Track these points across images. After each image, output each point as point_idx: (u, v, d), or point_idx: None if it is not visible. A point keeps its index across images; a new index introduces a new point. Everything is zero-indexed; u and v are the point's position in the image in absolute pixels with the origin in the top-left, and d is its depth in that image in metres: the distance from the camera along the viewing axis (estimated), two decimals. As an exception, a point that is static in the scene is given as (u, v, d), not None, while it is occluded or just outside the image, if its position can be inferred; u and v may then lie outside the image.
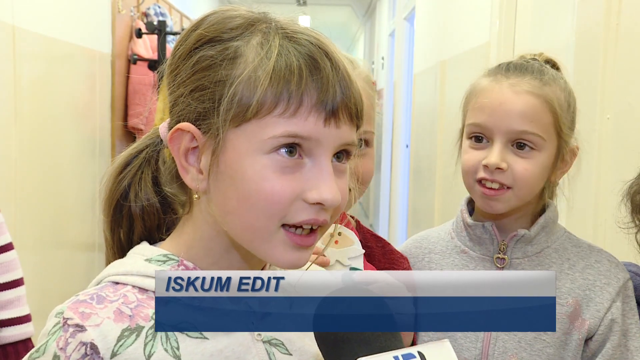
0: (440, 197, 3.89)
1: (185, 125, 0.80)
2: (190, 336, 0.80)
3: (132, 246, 0.88)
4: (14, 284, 1.41)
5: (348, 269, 1.22)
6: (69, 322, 0.77)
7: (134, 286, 0.82)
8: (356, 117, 0.80)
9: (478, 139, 1.24)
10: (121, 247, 0.89)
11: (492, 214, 1.26)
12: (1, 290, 1.39)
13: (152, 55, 4.38)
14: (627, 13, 1.73)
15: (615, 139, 1.75)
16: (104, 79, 4.00)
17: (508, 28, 2.72)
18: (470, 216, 1.31)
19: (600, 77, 1.80)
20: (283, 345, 0.85)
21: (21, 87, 2.81)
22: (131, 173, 0.88)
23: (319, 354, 0.75)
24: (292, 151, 0.77)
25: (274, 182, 0.77)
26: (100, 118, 3.93)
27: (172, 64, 0.83)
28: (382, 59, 8.08)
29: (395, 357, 0.69)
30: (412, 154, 5.46)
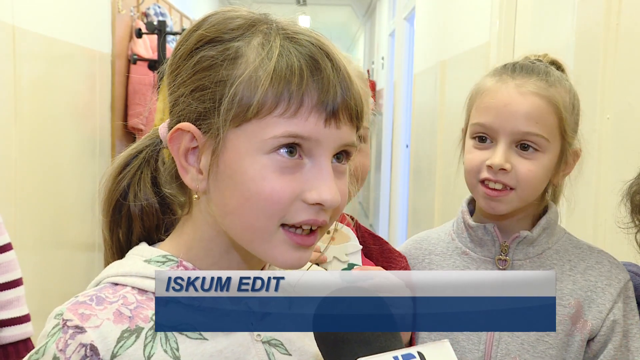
0: (440, 197, 3.89)
1: (186, 125, 0.80)
2: (189, 337, 0.80)
3: (131, 247, 0.88)
4: (14, 284, 1.41)
5: (346, 265, 1.22)
6: (69, 324, 0.77)
7: (133, 287, 0.82)
8: (356, 118, 0.80)
9: (482, 139, 1.24)
10: (120, 247, 0.89)
11: (494, 215, 1.25)
12: (1, 290, 1.39)
13: (152, 55, 4.38)
14: (627, 13, 1.73)
15: (615, 139, 1.75)
16: (104, 79, 4.00)
17: (508, 28, 2.72)
18: (471, 217, 1.31)
19: (600, 77, 1.80)
20: (283, 345, 0.85)
21: (21, 87, 2.81)
22: (130, 173, 0.88)
23: (319, 354, 0.75)
24: (292, 151, 0.77)
25: (273, 182, 0.77)
26: (100, 118, 3.93)
27: (172, 64, 0.84)
28: (382, 59, 8.08)
29: (395, 357, 0.69)
30: (412, 154, 5.46)
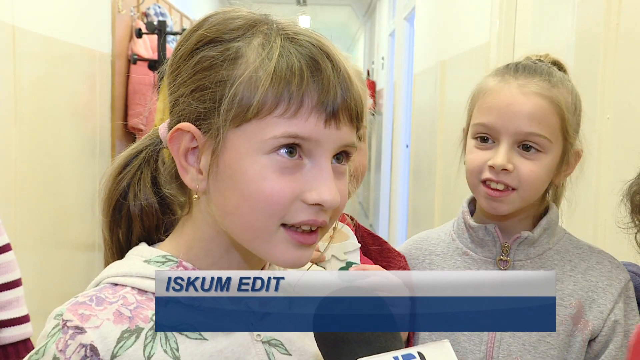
0: (440, 197, 3.89)
1: (186, 125, 0.80)
2: (189, 337, 0.80)
3: (131, 247, 0.88)
4: (13, 284, 1.41)
5: (344, 264, 1.22)
6: (69, 324, 0.77)
7: (133, 287, 0.82)
8: (356, 118, 0.80)
9: (484, 139, 1.23)
10: (120, 247, 0.89)
11: (495, 216, 1.25)
12: (1, 291, 1.39)
13: (152, 55, 4.38)
14: (627, 13, 1.73)
15: (615, 139, 1.75)
16: (104, 79, 4.00)
17: (508, 28, 2.72)
18: (471, 217, 1.31)
19: (600, 77, 1.80)
20: (282, 345, 0.85)
21: (21, 87, 2.81)
22: (130, 173, 0.88)
23: (319, 354, 0.75)
24: (292, 152, 0.77)
25: (273, 182, 0.76)
26: (100, 118, 3.93)
27: (173, 64, 0.84)
28: (382, 59, 8.08)
29: (395, 358, 0.69)
30: (412, 154, 5.46)
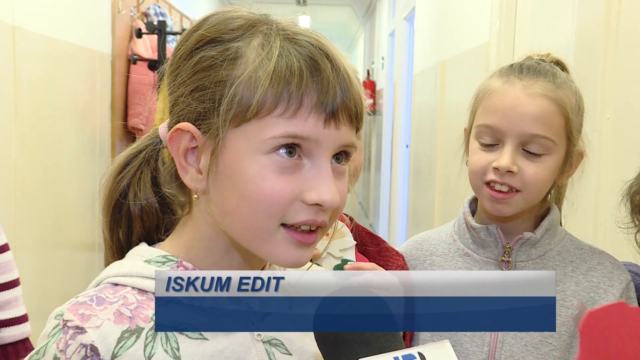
0: (440, 197, 3.89)
1: (185, 125, 0.80)
2: (190, 337, 0.80)
3: (131, 247, 0.88)
4: (12, 284, 1.41)
5: (340, 261, 1.22)
6: (69, 324, 0.77)
7: (133, 287, 0.82)
8: (356, 118, 0.80)
9: (488, 140, 1.22)
10: (120, 247, 0.89)
11: (496, 216, 1.25)
12: (0, 291, 1.39)
13: (152, 55, 4.38)
14: (627, 13, 1.73)
15: (615, 139, 1.75)
16: (104, 79, 4.00)
17: (508, 28, 2.72)
18: (473, 217, 1.30)
19: (600, 77, 1.80)
20: (283, 345, 0.85)
21: (21, 87, 2.81)
22: (130, 173, 0.88)
23: (319, 354, 0.75)
24: (292, 152, 0.77)
25: (273, 182, 0.77)
26: (100, 118, 3.93)
27: (172, 64, 0.84)
28: (382, 59, 8.09)
29: (396, 358, 0.69)
30: (412, 154, 5.46)
